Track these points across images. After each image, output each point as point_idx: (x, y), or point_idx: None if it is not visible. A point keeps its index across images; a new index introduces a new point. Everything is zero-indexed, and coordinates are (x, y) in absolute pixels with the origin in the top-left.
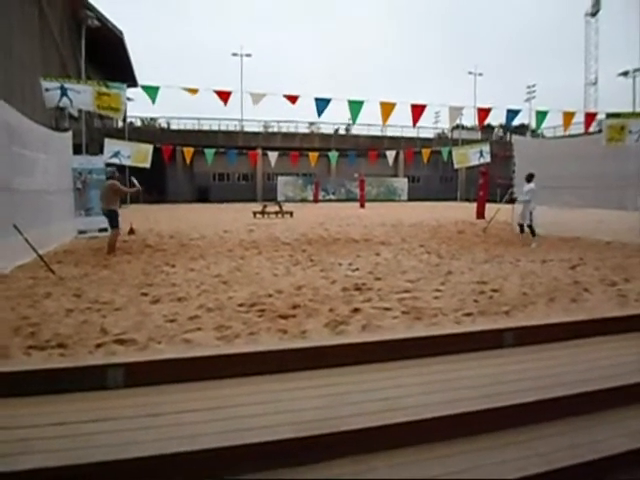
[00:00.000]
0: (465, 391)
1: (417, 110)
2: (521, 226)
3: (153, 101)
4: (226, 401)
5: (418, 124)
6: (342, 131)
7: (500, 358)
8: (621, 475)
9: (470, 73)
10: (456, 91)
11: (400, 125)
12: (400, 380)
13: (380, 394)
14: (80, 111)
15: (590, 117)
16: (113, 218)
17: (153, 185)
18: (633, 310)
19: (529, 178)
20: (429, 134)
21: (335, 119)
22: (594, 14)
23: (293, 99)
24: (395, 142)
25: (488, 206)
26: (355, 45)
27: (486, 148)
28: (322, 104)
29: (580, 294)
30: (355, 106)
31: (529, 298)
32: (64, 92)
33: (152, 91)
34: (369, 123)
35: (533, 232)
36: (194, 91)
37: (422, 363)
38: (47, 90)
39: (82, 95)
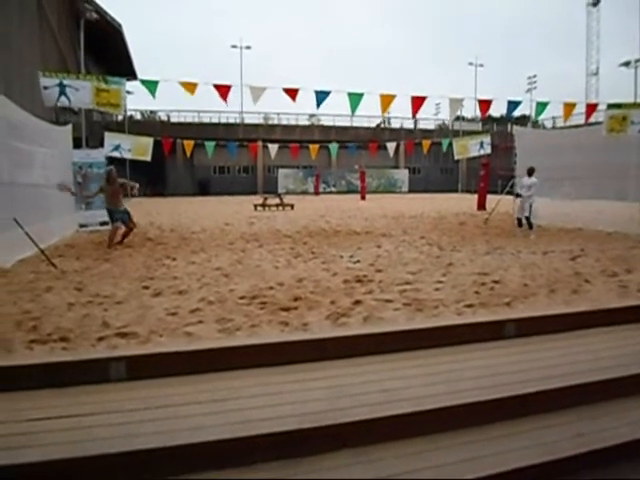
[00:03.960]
0: (466, 382)
1: (417, 102)
2: (519, 220)
3: (153, 95)
4: (228, 393)
5: (419, 116)
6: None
7: (501, 349)
8: (624, 464)
9: (471, 64)
10: (457, 84)
11: (401, 117)
12: (402, 372)
13: (381, 385)
14: None
15: (591, 108)
16: (112, 215)
17: (154, 178)
18: (634, 301)
19: (530, 172)
20: (430, 125)
21: (336, 112)
22: (595, 4)
23: (293, 93)
24: (395, 133)
25: (489, 197)
26: (353, 39)
27: (486, 139)
28: (322, 96)
29: (581, 285)
30: (355, 98)
31: (530, 289)
32: (62, 91)
33: (151, 85)
34: (370, 115)
35: (530, 225)
36: (193, 86)
37: (423, 354)
38: (46, 88)
39: (81, 92)
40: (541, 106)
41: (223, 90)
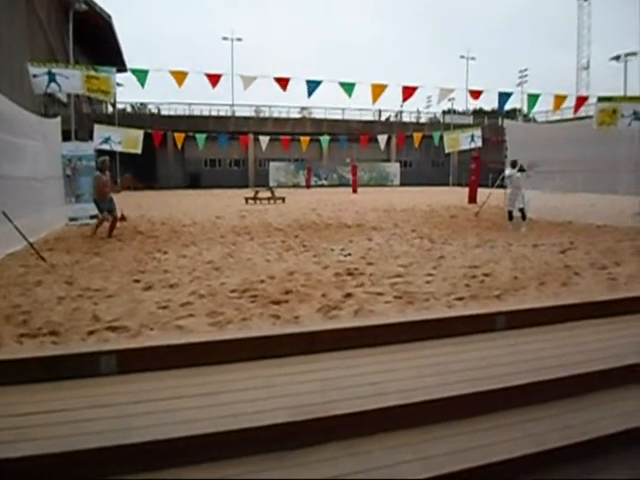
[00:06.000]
0: (456, 374)
1: (408, 91)
2: (510, 213)
3: (142, 85)
4: (219, 387)
5: (410, 109)
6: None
7: (492, 342)
8: (612, 455)
9: (462, 57)
10: (449, 79)
11: (392, 109)
12: (392, 364)
13: (372, 378)
14: (69, 97)
15: (580, 101)
16: (99, 206)
17: (144, 171)
18: (623, 293)
19: (514, 164)
20: (421, 119)
21: (327, 104)
22: None
23: (284, 82)
24: (387, 127)
25: (480, 191)
26: (346, 33)
27: (477, 132)
28: (313, 85)
29: (571, 278)
30: (347, 88)
31: (520, 282)
32: (52, 78)
33: (141, 74)
34: (361, 108)
35: (524, 216)
36: (183, 75)
37: (414, 347)
38: (35, 76)
39: (71, 80)
40: (533, 98)
41: (214, 79)
